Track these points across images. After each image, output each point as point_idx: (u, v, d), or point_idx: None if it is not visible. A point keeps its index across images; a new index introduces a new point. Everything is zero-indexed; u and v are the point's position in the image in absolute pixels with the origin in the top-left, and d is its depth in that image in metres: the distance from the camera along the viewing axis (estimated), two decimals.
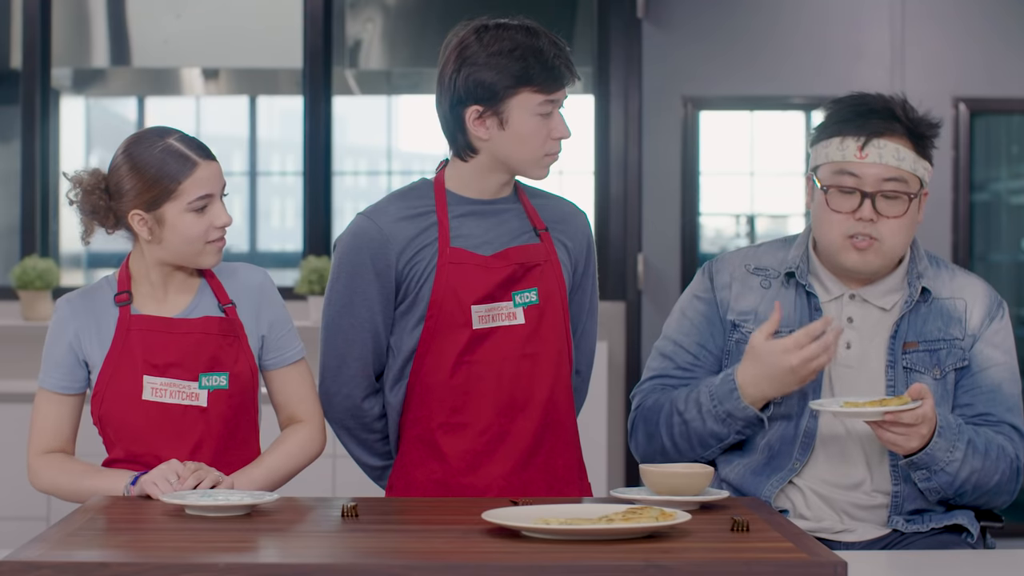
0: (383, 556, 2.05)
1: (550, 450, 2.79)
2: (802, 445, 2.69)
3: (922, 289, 2.73)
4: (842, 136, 2.69)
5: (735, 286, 2.80)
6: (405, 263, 2.73)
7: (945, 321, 2.73)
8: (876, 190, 2.66)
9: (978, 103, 6.07)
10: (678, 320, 2.85)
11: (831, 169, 2.70)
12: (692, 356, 2.81)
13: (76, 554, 2.02)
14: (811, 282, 2.75)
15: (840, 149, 2.69)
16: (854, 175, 2.67)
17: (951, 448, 2.60)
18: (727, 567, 1.98)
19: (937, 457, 2.59)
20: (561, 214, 2.85)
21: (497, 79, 2.65)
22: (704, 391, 2.70)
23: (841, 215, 2.68)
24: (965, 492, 2.65)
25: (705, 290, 2.83)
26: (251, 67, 7.36)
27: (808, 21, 6.07)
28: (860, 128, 2.67)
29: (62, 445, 2.68)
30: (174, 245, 2.62)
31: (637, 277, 5.81)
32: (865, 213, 2.66)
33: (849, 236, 2.68)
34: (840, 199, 2.69)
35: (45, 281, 5.49)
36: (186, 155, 2.60)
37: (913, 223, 2.71)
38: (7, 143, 6.22)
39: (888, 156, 2.66)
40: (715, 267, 2.85)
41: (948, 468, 2.60)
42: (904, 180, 2.67)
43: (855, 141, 2.67)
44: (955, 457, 2.60)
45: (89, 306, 2.66)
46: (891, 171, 2.66)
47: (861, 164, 2.67)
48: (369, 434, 2.84)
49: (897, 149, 2.67)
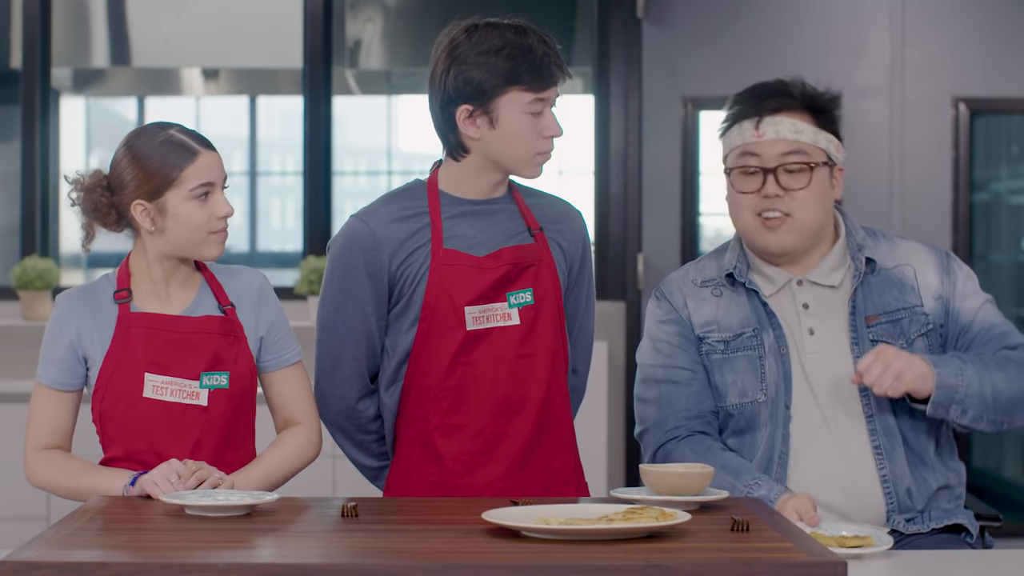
0: (382, 556, 2.05)
1: (547, 450, 2.79)
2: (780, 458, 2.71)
3: (867, 260, 2.75)
4: (739, 121, 2.75)
5: (690, 303, 2.83)
6: (398, 265, 2.73)
7: (899, 289, 2.76)
8: (777, 164, 2.71)
9: (978, 103, 6.07)
10: (652, 348, 2.85)
11: (734, 154, 2.76)
12: (689, 371, 2.80)
13: (76, 554, 2.02)
14: (752, 279, 2.78)
15: (740, 133, 2.75)
16: (754, 154, 2.73)
17: (958, 372, 2.62)
18: (727, 567, 1.98)
19: (951, 384, 2.61)
20: (556, 213, 2.85)
21: (486, 78, 2.65)
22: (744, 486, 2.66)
23: (748, 195, 2.74)
24: (1008, 405, 2.66)
25: (668, 311, 2.85)
26: (251, 67, 7.36)
27: (809, 21, 6.07)
28: (755, 108, 2.74)
29: (60, 442, 2.68)
30: (177, 235, 2.62)
31: (637, 277, 5.81)
32: (769, 189, 2.72)
33: (758, 214, 2.72)
34: (744, 180, 2.74)
35: (45, 281, 5.49)
36: (187, 144, 2.62)
37: (824, 196, 2.74)
38: (7, 143, 6.22)
39: (784, 131, 2.71)
40: (665, 290, 2.88)
41: (971, 390, 2.62)
42: (804, 152, 2.72)
43: (751, 123, 2.73)
44: (970, 377, 2.62)
45: (89, 303, 2.67)
46: (789, 145, 2.71)
47: (759, 143, 2.73)
48: (364, 435, 2.84)
49: (794, 123, 2.72)
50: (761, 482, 2.64)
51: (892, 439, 2.69)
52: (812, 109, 2.74)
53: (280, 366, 2.75)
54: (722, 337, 2.78)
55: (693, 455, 2.73)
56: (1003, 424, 2.67)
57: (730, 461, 2.70)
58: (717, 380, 2.79)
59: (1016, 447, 6.55)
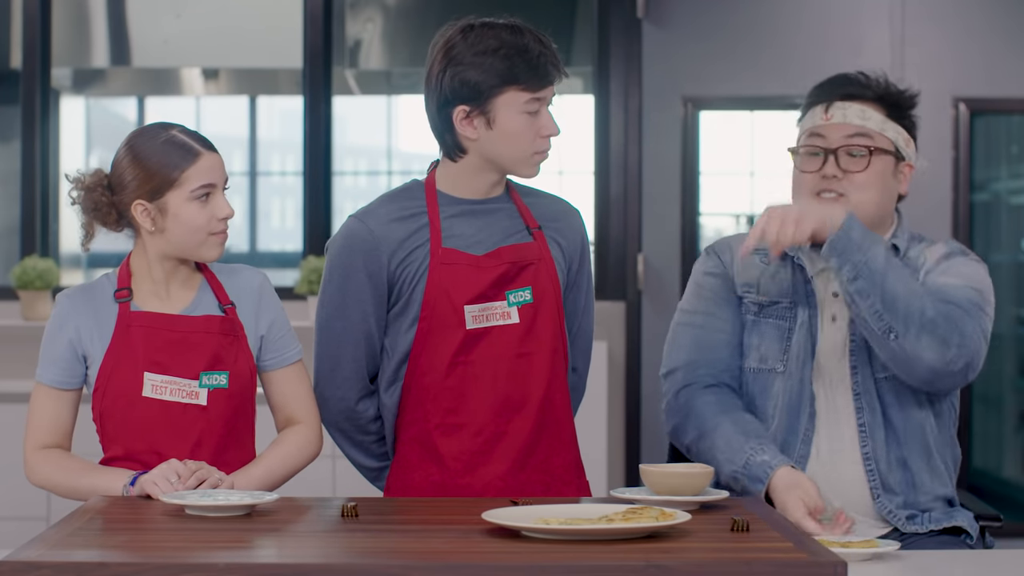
0: (382, 556, 2.05)
1: (547, 450, 2.79)
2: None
3: (892, 247, 2.77)
4: (814, 106, 2.80)
5: (737, 262, 2.86)
6: (397, 265, 2.73)
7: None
8: (839, 146, 2.74)
9: (978, 103, 6.07)
10: (695, 294, 2.90)
11: (803, 136, 2.81)
12: (727, 325, 2.84)
13: (75, 554, 2.02)
14: (799, 255, 2.80)
15: (811, 117, 2.80)
16: (821, 135, 2.77)
17: (870, 239, 2.58)
18: (727, 567, 1.98)
19: (854, 239, 2.58)
20: (554, 212, 2.85)
21: (482, 78, 2.65)
22: (738, 460, 2.68)
23: (809, 175, 2.77)
24: (898, 311, 2.57)
25: (716, 266, 2.89)
26: (251, 67, 7.36)
27: (808, 21, 6.06)
28: (828, 94, 2.79)
29: (59, 440, 2.68)
30: (177, 236, 2.62)
31: (637, 277, 5.81)
32: (829, 170, 2.74)
33: (816, 194, 2.75)
34: (808, 160, 2.78)
35: (45, 281, 5.49)
36: (189, 145, 2.62)
37: (884, 184, 2.76)
38: (7, 143, 6.22)
39: (852, 116, 2.75)
40: (717, 248, 2.93)
41: (873, 264, 2.57)
42: (868, 135, 2.75)
43: (822, 107, 2.78)
44: (877, 251, 2.58)
45: (89, 301, 2.67)
46: (854, 128, 2.75)
47: (826, 125, 2.77)
48: (364, 436, 2.84)
49: (863, 110, 2.75)
50: (766, 448, 2.66)
51: (875, 417, 2.71)
52: (885, 101, 2.78)
53: (280, 365, 2.75)
54: (758, 300, 2.82)
55: (715, 405, 2.76)
56: (891, 331, 2.57)
57: (747, 422, 2.73)
58: (744, 340, 2.82)
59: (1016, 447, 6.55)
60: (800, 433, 2.73)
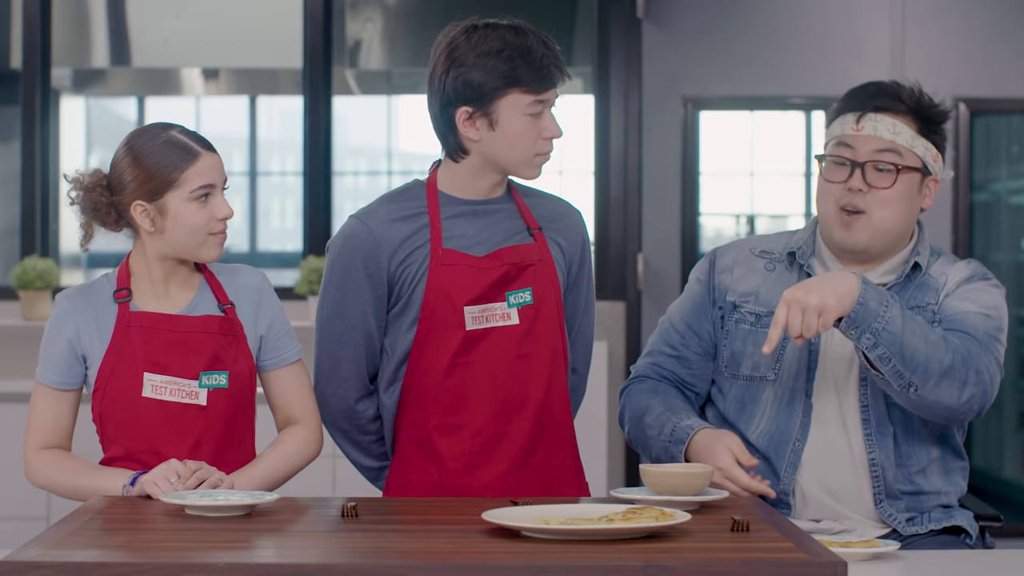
0: (383, 556, 2.05)
1: (547, 450, 2.79)
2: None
3: (915, 264, 2.74)
4: (844, 113, 2.75)
5: (737, 269, 2.84)
6: (397, 265, 2.73)
7: (924, 292, 2.74)
8: (867, 160, 2.71)
9: (978, 103, 6.07)
10: (681, 299, 2.93)
11: (832, 143, 2.77)
12: (679, 336, 2.87)
13: (75, 554, 2.02)
14: (812, 263, 2.79)
15: (841, 124, 2.75)
16: (849, 146, 2.73)
17: (884, 302, 2.55)
18: (727, 567, 1.98)
19: (871, 308, 2.53)
20: (555, 213, 2.85)
21: (486, 80, 2.65)
22: (666, 431, 2.75)
23: (834, 185, 2.74)
24: (918, 366, 2.55)
25: (704, 272, 2.89)
26: (251, 67, 7.37)
27: (808, 21, 6.07)
28: (861, 104, 2.74)
29: (60, 441, 2.68)
30: (176, 236, 2.62)
31: (637, 277, 5.81)
32: (854, 183, 2.71)
33: (840, 207, 2.72)
34: (834, 170, 2.74)
35: (45, 281, 5.49)
36: (188, 145, 2.62)
37: (908, 201, 2.73)
38: (7, 143, 6.22)
39: (883, 129, 2.71)
40: (719, 251, 2.92)
41: (891, 327, 2.54)
42: (898, 152, 2.71)
43: (853, 116, 2.73)
44: (893, 313, 2.55)
45: (89, 302, 2.67)
46: (884, 143, 2.71)
47: (856, 136, 2.72)
48: (364, 436, 2.84)
49: (894, 123, 2.71)
50: (691, 416, 2.73)
51: (883, 426, 2.70)
52: (917, 116, 2.73)
53: (280, 365, 2.75)
54: (756, 310, 2.80)
55: (648, 391, 2.84)
56: (911, 385, 2.55)
57: (675, 401, 2.79)
58: (737, 347, 2.80)
59: (1016, 447, 6.55)
60: (791, 442, 2.72)
